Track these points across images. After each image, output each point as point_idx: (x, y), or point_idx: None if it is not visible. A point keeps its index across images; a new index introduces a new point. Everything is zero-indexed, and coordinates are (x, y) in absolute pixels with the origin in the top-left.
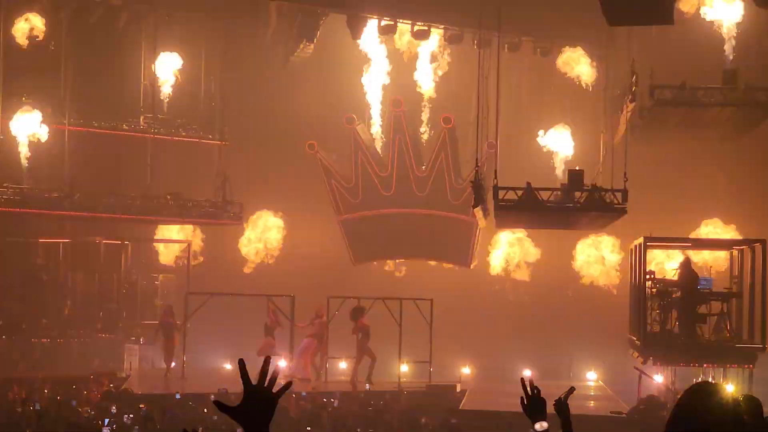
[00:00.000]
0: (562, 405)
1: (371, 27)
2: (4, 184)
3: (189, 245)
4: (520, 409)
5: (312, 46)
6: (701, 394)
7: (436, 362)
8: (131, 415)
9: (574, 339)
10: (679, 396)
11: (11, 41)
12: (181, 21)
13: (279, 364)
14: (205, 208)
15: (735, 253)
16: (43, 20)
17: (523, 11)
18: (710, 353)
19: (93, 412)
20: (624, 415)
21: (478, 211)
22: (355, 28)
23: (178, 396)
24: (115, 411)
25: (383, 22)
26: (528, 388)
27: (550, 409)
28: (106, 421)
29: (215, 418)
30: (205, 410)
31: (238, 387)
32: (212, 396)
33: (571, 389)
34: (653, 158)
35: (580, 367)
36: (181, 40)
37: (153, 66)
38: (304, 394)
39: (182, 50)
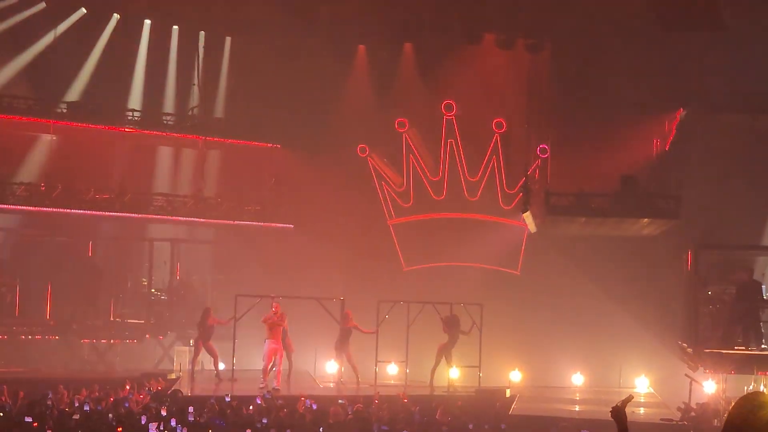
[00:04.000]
0: (619, 412)
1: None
2: (56, 185)
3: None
4: (569, 415)
5: (364, 48)
6: (752, 406)
7: (486, 366)
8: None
9: (624, 344)
10: (730, 405)
11: None
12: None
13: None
14: (257, 210)
15: None
16: None
17: (573, 18)
18: (760, 361)
19: (144, 415)
20: (675, 422)
21: (528, 216)
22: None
23: (228, 399)
24: (165, 414)
25: None
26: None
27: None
28: (152, 427)
29: (264, 420)
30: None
31: (282, 391)
32: (258, 399)
33: (629, 397)
34: (705, 164)
35: (630, 373)
36: (232, 43)
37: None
38: (341, 401)
39: (234, 54)
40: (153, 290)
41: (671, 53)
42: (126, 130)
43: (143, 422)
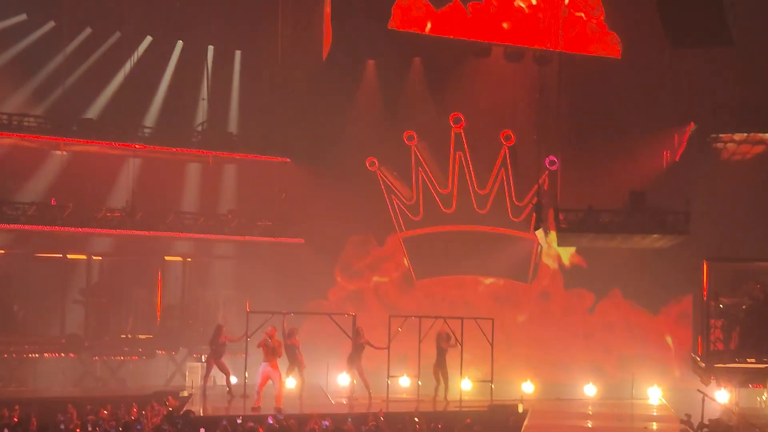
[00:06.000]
0: None
1: None
2: (68, 203)
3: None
4: None
5: (373, 62)
6: None
7: (498, 377)
8: None
9: (637, 355)
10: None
11: None
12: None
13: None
14: (267, 226)
15: None
16: None
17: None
18: None
19: None
20: None
21: (539, 233)
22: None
23: (239, 421)
24: None
25: None
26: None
27: None
28: None
29: None
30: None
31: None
32: (269, 419)
33: None
34: (715, 178)
35: (643, 384)
36: (242, 59)
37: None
38: (326, 424)
39: (243, 68)
40: (164, 306)
41: (681, 68)
42: (137, 146)
43: None
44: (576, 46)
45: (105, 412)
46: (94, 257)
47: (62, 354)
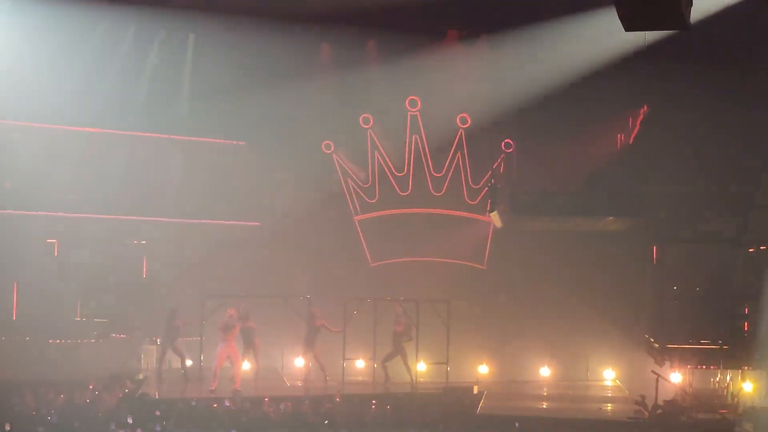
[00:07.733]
0: None
1: None
2: (20, 186)
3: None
4: (539, 414)
5: (328, 45)
6: None
7: (454, 360)
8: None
9: (591, 337)
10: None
11: None
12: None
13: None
14: (222, 209)
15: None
16: None
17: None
18: (726, 355)
19: (113, 422)
20: (643, 420)
21: (495, 215)
22: None
23: (193, 403)
24: (131, 422)
25: None
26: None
27: None
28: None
29: None
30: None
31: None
32: (225, 402)
33: None
34: (670, 160)
35: (597, 366)
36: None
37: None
38: (282, 407)
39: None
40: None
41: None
42: (89, 129)
43: (112, 428)
44: None
45: (61, 396)
46: (48, 240)
47: (16, 337)
